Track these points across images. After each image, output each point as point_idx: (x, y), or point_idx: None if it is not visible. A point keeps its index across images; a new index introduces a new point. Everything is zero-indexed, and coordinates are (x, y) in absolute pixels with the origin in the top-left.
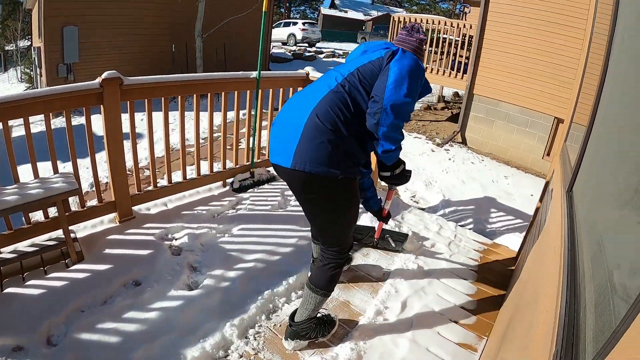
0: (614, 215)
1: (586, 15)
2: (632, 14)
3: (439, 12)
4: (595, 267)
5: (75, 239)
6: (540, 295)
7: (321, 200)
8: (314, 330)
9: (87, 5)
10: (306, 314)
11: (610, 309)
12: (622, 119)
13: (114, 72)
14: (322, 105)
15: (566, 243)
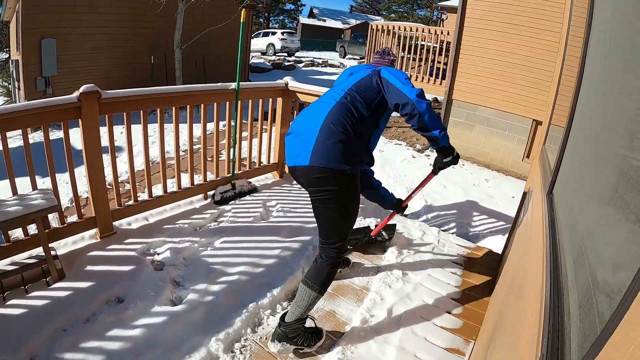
0: (595, 216)
1: (561, 19)
2: (606, 16)
3: (417, 19)
4: (578, 270)
5: (56, 256)
6: (525, 298)
7: (332, 193)
8: (301, 336)
9: (65, 17)
10: (298, 311)
11: (594, 311)
12: (600, 120)
13: (92, 86)
14: (333, 113)
15: (548, 246)
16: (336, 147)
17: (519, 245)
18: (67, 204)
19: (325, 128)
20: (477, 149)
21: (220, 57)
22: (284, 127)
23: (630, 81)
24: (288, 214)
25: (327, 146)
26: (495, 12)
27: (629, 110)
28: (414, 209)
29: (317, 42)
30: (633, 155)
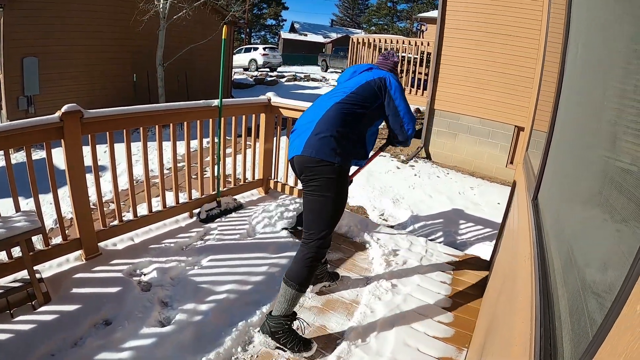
0: (580, 220)
1: (539, 27)
2: (583, 23)
3: (397, 31)
4: (567, 275)
5: (41, 279)
6: (515, 305)
7: (321, 182)
8: (285, 336)
9: (47, 35)
10: (280, 308)
11: (585, 318)
12: (580, 124)
13: (74, 105)
14: (330, 111)
15: (536, 251)
16: (328, 141)
17: (507, 251)
18: (52, 225)
19: (321, 124)
20: (461, 157)
21: (203, 73)
22: (268, 143)
23: (609, 84)
24: (274, 230)
25: (319, 139)
26: (474, 22)
27: (608, 113)
28: (400, 220)
29: (299, 56)
30: (615, 156)
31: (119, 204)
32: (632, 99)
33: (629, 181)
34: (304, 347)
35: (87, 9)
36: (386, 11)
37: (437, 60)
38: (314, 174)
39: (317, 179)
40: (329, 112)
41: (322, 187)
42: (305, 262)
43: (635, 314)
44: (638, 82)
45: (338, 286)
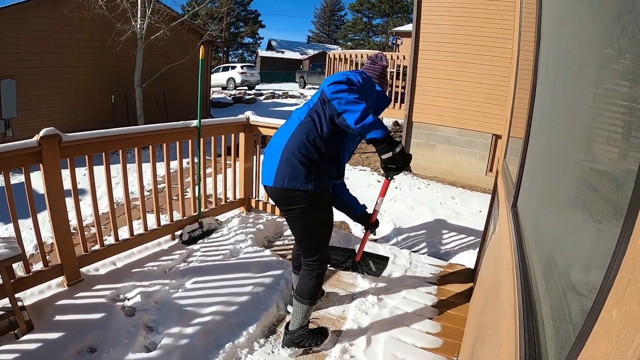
0: (558, 226)
1: (512, 36)
2: (553, 30)
3: (373, 45)
4: (548, 282)
5: (23, 307)
6: (500, 313)
7: (300, 212)
8: (307, 339)
9: (24, 57)
10: (297, 322)
11: (567, 324)
12: (553, 130)
13: (52, 129)
14: (295, 134)
15: (517, 259)
16: (297, 168)
17: (490, 259)
18: (32, 250)
19: (287, 150)
20: (441, 168)
21: (181, 93)
22: (248, 162)
23: (580, 90)
24: (257, 249)
25: (288, 167)
26: (449, 34)
27: (580, 117)
28: (383, 233)
29: (277, 74)
30: (589, 160)
31: (100, 228)
32: (604, 101)
33: (605, 184)
34: (323, 336)
35: (65, 30)
36: (362, 26)
37: (414, 74)
38: (291, 205)
39: (294, 209)
40: (295, 134)
41: (303, 216)
42: (311, 280)
43: (612, 319)
44: (608, 86)
45: (324, 303)
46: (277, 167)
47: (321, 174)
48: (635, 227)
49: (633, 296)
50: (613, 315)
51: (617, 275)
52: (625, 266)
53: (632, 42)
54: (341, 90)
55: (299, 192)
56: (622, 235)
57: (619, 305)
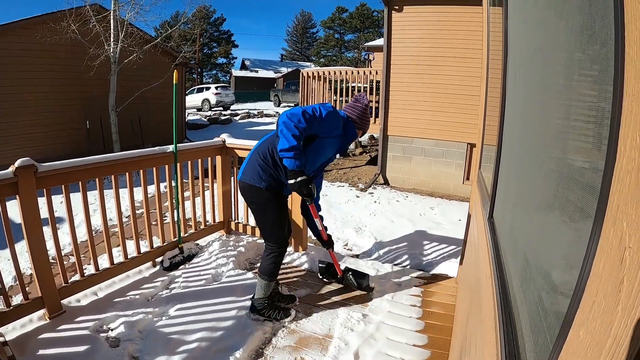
0: (531, 237)
1: (481, 46)
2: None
3: (346, 61)
4: (525, 293)
5: (5, 342)
6: (482, 325)
7: (255, 204)
8: (267, 310)
9: None
10: (259, 294)
11: (544, 335)
12: (523, 138)
13: (28, 160)
14: (262, 144)
15: (495, 272)
16: (256, 169)
17: (470, 269)
18: (12, 282)
19: (254, 154)
20: (418, 180)
21: (157, 116)
22: (226, 185)
23: (547, 96)
24: (240, 272)
25: (249, 167)
26: (419, 47)
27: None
28: (365, 248)
29: (251, 93)
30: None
31: (80, 258)
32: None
33: (575, 195)
34: (284, 314)
35: (37, 55)
36: (334, 42)
37: (387, 88)
38: (249, 197)
39: (253, 201)
40: (262, 144)
41: (258, 207)
42: (269, 260)
43: (579, 339)
44: (575, 91)
45: (307, 322)
46: (244, 167)
47: (272, 178)
48: (596, 254)
49: (597, 318)
50: (581, 335)
51: (582, 297)
52: (589, 289)
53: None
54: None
55: (255, 188)
56: (586, 258)
57: (585, 325)
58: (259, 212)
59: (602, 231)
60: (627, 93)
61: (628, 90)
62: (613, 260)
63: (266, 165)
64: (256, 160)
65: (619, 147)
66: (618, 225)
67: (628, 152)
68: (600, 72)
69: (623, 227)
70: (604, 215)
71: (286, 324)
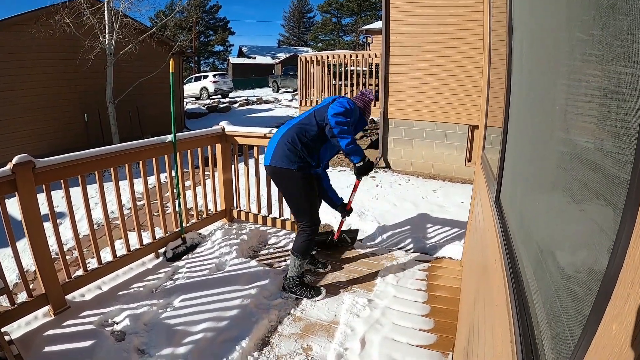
0: (546, 222)
1: (482, 26)
2: (525, 16)
3: (344, 45)
4: (540, 281)
5: (11, 341)
6: (493, 310)
7: (286, 186)
8: (299, 288)
9: None
10: (292, 272)
11: (563, 326)
12: (533, 120)
13: (25, 156)
14: (289, 131)
15: (505, 257)
16: (286, 153)
17: (477, 252)
18: (15, 279)
19: (281, 141)
20: (420, 163)
21: (155, 106)
22: (227, 173)
23: (556, 76)
24: (243, 260)
25: (279, 152)
26: (419, 29)
27: (559, 105)
28: (368, 232)
29: (250, 80)
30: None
31: (82, 253)
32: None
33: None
34: (315, 293)
35: (33, 51)
36: (331, 27)
37: (386, 71)
38: (280, 179)
39: (284, 183)
40: (289, 131)
41: (289, 188)
42: (302, 238)
43: (611, 333)
44: (586, 71)
45: (313, 309)
46: (273, 151)
47: (301, 160)
48: (631, 242)
49: (632, 311)
50: (613, 330)
51: (614, 290)
52: (623, 280)
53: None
54: (341, 123)
55: (287, 170)
56: (616, 246)
57: (619, 319)
58: (291, 193)
59: (639, 214)
60: None
61: None
62: None
63: (295, 149)
64: (285, 145)
65: None
66: None
67: None
68: (621, 47)
69: None
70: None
71: (292, 311)
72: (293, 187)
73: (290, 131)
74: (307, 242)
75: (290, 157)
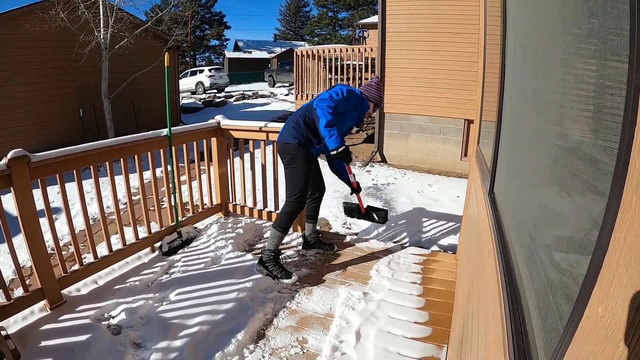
0: (537, 213)
1: (477, 22)
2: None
3: (340, 39)
4: (531, 271)
5: (8, 336)
6: (486, 301)
7: (285, 158)
8: (273, 264)
9: None
10: (268, 245)
11: (553, 313)
12: (525, 113)
13: (20, 150)
14: (297, 113)
15: (498, 247)
16: (289, 130)
17: (472, 246)
18: (11, 275)
19: (289, 121)
20: (416, 157)
21: (151, 101)
22: (222, 167)
23: (549, 70)
24: (239, 253)
25: (286, 130)
26: (415, 23)
27: (551, 98)
28: (363, 227)
29: (246, 74)
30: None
31: (78, 248)
32: (574, 81)
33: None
34: (286, 275)
35: (27, 46)
36: (327, 21)
37: (382, 65)
38: (283, 153)
39: (286, 156)
40: (296, 113)
41: (289, 161)
42: (285, 211)
43: (597, 316)
44: (578, 65)
45: (308, 302)
46: (281, 131)
47: (303, 136)
48: (616, 225)
49: (618, 293)
50: (600, 312)
51: (600, 272)
52: (608, 263)
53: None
54: (323, 101)
55: (289, 144)
56: (603, 230)
57: (604, 302)
58: (288, 167)
59: (622, 199)
60: None
61: None
62: (636, 229)
63: (299, 127)
64: (291, 124)
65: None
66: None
67: None
68: (611, 39)
69: None
70: (624, 183)
71: (287, 304)
72: (290, 160)
73: (297, 113)
74: (288, 215)
75: (294, 133)
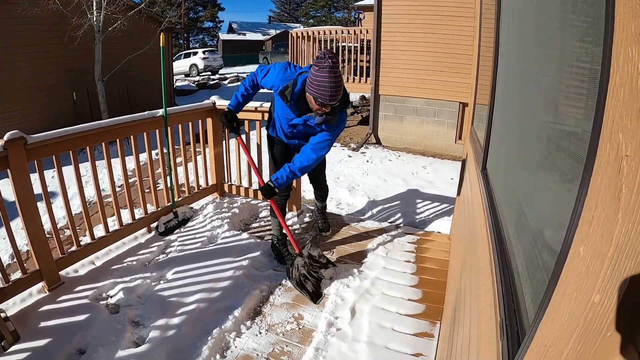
0: (525, 183)
1: (474, 4)
2: None
3: (335, 21)
4: (520, 234)
5: (7, 318)
6: (477, 271)
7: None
8: (275, 250)
9: None
10: (273, 230)
11: (540, 269)
12: (516, 94)
13: (17, 132)
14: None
15: (489, 218)
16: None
17: (464, 222)
18: (9, 260)
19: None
20: (410, 139)
21: (144, 84)
22: (217, 147)
23: (539, 53)
24: (235, 233)
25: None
26: (411, 5)
27: (540, 81)
28: (358, 207)
29: (240, 56)
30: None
31: (75, 229)
32: (563, 63)
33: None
34: (281, 261)
35: (20, 29)
36: (323, 3)
37: (377, 47)
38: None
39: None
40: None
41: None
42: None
43: (579, 255)
44: (567, 47)
45: None
46: None
47: (269, 122)
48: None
49: (596, 231)
50: (580, 252)
51: (581, 215)
52: (587, 206)
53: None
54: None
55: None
56: (584, 179)
57: (585, 241)
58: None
59: (599, 148)
60: (618, 12)
61: (619, 9)
62: (611, 173)
63: (270, 113)
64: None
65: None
66: (614, 138)
67: (621, 67)
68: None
69: (619, 139)
70: (600, 133)
71: (283, 282)
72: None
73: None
74: (281, 205)
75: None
